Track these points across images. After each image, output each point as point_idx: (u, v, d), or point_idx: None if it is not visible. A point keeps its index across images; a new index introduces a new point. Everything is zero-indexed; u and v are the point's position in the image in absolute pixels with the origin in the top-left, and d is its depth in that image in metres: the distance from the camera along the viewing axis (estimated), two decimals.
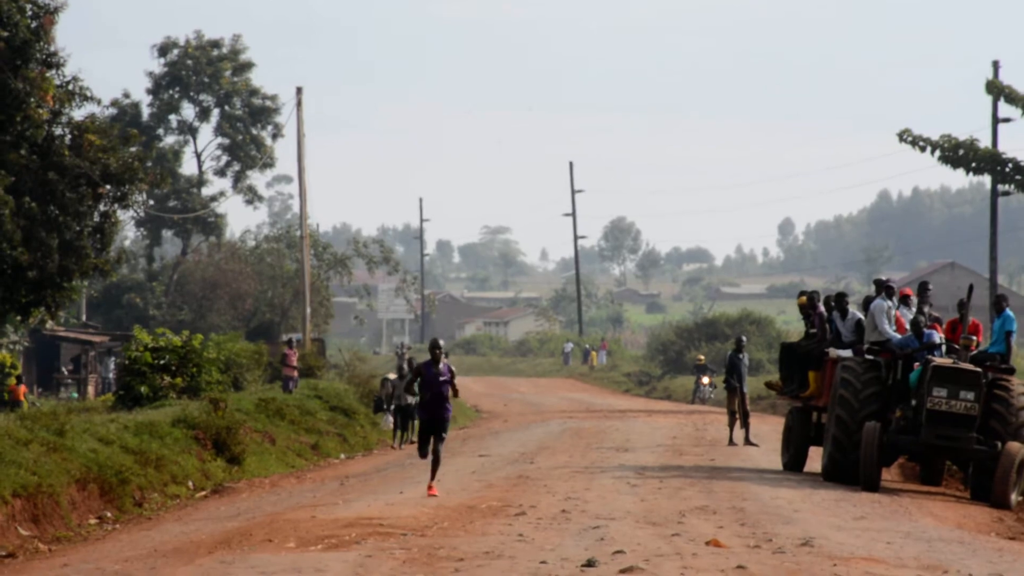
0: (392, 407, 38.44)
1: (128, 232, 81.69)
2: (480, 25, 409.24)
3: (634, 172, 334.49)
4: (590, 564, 16.11)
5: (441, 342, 23.78)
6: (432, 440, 23.00)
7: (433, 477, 22.59)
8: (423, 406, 23.48)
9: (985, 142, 57.88)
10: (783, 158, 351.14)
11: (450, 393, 23.23)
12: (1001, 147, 57.92)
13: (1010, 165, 57.69)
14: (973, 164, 58.98)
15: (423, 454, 23.38)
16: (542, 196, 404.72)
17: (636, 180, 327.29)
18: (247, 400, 38.29)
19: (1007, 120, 57.74)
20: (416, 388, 23.58)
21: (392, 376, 39.37)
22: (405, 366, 37.70)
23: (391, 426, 40.33)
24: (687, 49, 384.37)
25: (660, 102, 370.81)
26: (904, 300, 27.72)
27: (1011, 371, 25.92)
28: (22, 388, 54.21)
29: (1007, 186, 58.54)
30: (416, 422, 28.62)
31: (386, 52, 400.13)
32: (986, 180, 60.38)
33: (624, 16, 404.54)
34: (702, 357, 65.78)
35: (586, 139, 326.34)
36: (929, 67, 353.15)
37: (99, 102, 59.93)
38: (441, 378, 22.93)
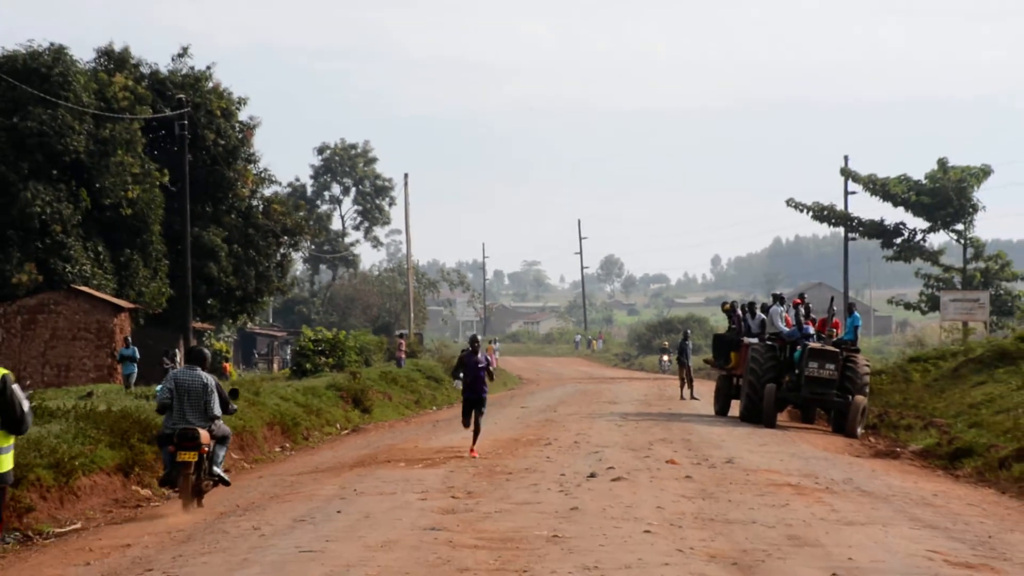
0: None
1: (298, 266, 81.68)
2: (522, 132, 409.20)
3: (620, 223, 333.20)
4: (592, 475, 16.25)
5: (480, 337, 21.30)
6: (473, 414, 19.59)
7: (475, 442, 19.46)
8: (466, 386, 20.02)
9: (840, 207, 57.77)
10: (713, 214, 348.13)
11: (486, 376, 19.99)
12: (851, 209, 57.75)
13: (856, 221, 57.50)
14: (833, 220, 58.80)
15: (466, 424, 19.98)
16: (561, 241, 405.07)
17: (620, 229, 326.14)
18: (374, 372, 38.37)
19: (853, 192, 57.43)
20: (457, 376, 20.08)
21: None
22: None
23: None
24: (657, 134, 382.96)
25: (638, 176, 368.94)
26: (796, 307, 27.62)
27: (857, 351, 26.01)
28: (229, 366, 54.42)
29: (854, 235, 58.35)
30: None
31: (465, 144, 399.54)
32: (841, 230, 60.06)
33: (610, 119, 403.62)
34: (667, 343, 65.36)
35: (590, 202, 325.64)
36: (805, 156, 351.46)
37: (280, 184, 60.76)
38: (479, 365, 19.78)
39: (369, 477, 16.86)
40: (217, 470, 15.16)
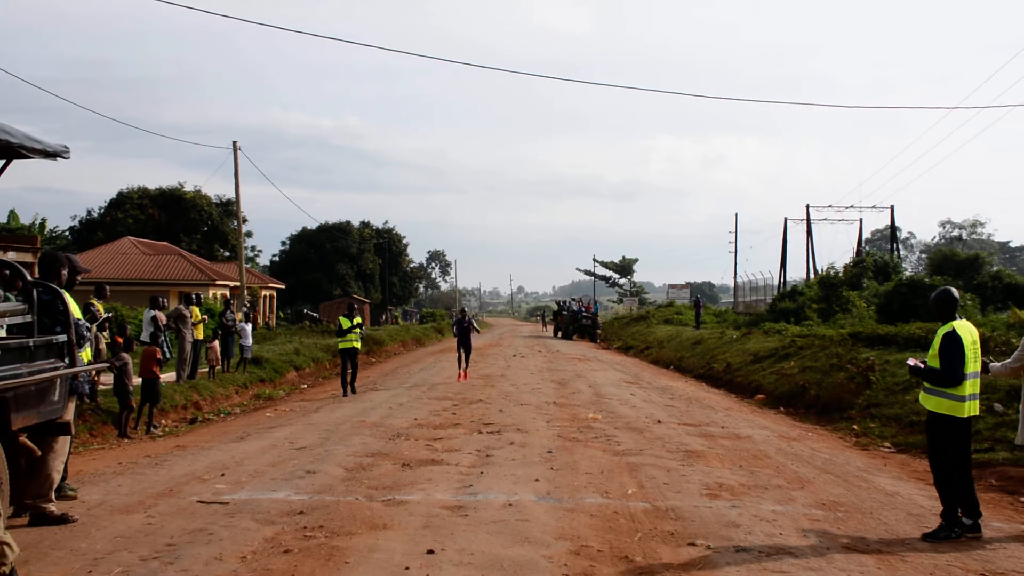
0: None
1: (421, 288, 76.61)
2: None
3: (525, 273, 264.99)
4: (514, 356, 15.51)
5: (466, 309, 15.00)
6: (464, 354, 11.09)
7: (466, 369, 11.08)
8: (458, 335, 11.59)
9: (592, 271, 57.39)
10: (552, 273, 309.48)
11: (472, 331, 11.40)
12: (596, 271, 57.45)
13: (597, 276, 57.15)
14: (591, 275, 58.22)
15: (458, 358, 11.48)
16: (503, 280, 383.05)
17: (525, 274, 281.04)
18: (445, 323, 36.29)
19: (597, 264, 57.13)
20: (454, 330, 12.02)
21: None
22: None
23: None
24: (543, 244, 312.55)
25: (528, 259, 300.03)
26: (579, 302, 26.52)
27: (597, 316, 24.56)
28: (399, 319, 52.22)
29: (598, 280, 57.94)
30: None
31: (477, 252, 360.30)
32: (592, 278, 59.40)
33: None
34: (543, 314, 63.47)
35: (516, 267, 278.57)
36: (579, 253, 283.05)
37: (414, 262, 58.38)
38: (465, 324, 11.58)
39: (441, 358, 15.93)
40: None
